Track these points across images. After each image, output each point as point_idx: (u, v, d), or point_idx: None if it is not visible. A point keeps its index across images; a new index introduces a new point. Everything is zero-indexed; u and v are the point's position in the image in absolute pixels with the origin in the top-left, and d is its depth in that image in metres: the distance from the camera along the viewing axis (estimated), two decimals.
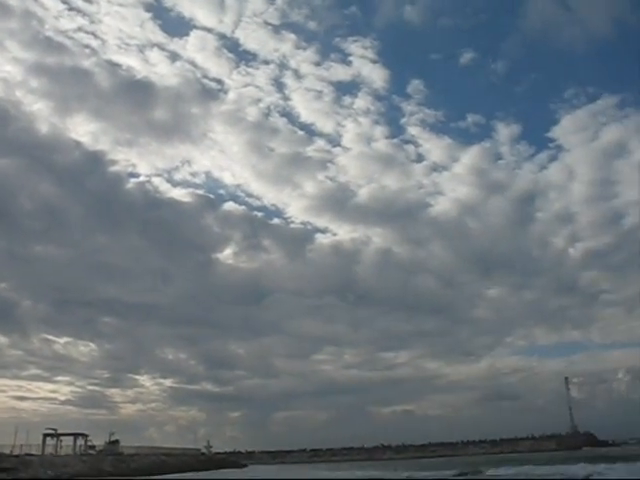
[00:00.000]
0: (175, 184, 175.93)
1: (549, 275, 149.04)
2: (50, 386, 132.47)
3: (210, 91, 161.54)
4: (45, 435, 61.30)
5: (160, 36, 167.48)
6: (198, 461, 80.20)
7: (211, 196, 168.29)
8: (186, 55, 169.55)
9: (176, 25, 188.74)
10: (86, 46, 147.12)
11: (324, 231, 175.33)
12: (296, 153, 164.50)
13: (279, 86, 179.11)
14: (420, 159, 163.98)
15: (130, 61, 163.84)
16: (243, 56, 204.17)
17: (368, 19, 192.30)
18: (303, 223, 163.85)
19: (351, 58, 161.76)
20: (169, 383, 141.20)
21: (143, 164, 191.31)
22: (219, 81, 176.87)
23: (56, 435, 62.40)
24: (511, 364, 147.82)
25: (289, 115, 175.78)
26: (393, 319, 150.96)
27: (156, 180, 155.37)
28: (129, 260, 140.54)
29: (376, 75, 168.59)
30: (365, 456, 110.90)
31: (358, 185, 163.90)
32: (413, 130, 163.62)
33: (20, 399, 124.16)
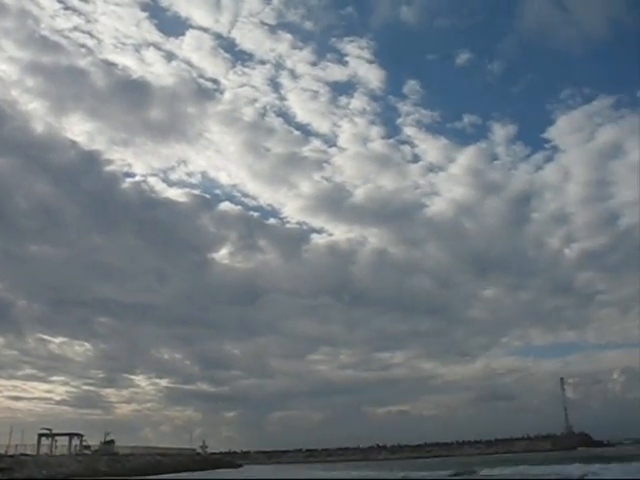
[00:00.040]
0: (171, 184, 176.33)
1: (545, 276, 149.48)
2: (45, 386, 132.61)
3: (206, 91, 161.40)
4: (40, 435, 61.19)
5: (156, 36, 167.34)
6: (193, 461, 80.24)
7: (207, 196, 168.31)
8: (182, 55, 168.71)
9: (172, 25, 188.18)
10: (82, 45, 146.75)
11: (320, 231, 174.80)
12: (292, 153, 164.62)
13: (275, 86, 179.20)
14: (416, 159, 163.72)
15: (126, 61, 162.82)
16: (239, 56, 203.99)
17: (364, 19, 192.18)
18: (299, 223, 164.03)
19: (347, 58, 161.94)
20: (164, 383, 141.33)
21: (139, 164, 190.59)
22: (215, 81, 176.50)
23: (51, 435, 62.32)
24: (506, 364, 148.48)
25: (285, 115, 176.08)
26: (389, 319, 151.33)
27: (152, 180, 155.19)
28: (125, 260, 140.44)
29: (372, 75, 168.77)
30: (360, 456, 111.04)
31: (354, 185, 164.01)
32: (409, 130, 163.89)
33: (15, 399, 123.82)
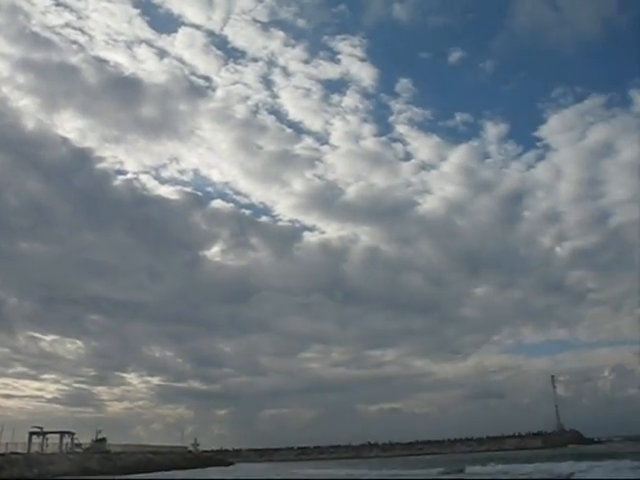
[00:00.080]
0: (163, 181, 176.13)
1: (536, 274, 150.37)
2: (36, 384, 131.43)
3: (198, 88, 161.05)
4: (31, 433, 60.80)
5: (148, 32, 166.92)
6: (185, 459, 80.00)
7: (199, 194, 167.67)
8: (174, 52, 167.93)
9: (164, 22, 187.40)
10: (73, 42, 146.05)
11: (312, 229, 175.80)
12: (284, 151, 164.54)
13: (267, 84, 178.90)
14: (408, 157, 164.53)
15: (118, 57, 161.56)
16: (231, 53, 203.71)
17: (357, 17, 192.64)
18: (291, 221, 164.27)
19: (340, 56, 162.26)
20: (156, 381, 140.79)
21: (131, 161, 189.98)
22: (207, 78, 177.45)
23: (42, 433, 61.93)
24: (498, 362, 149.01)
25: (277, 113, 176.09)
26: (381, 317, 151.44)
27: (144, 177, 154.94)
28: (116, 257, 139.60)
29: (365, 73, 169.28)
30: (352, 454, 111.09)
31: (346, 183, 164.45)
32: (401, 128, 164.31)
33: (6, 397, 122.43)
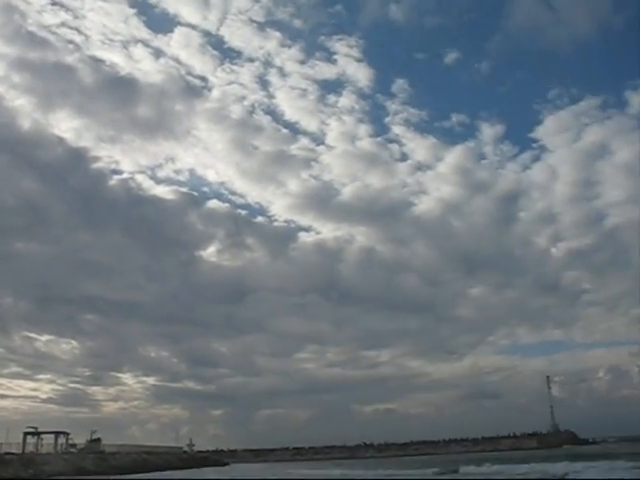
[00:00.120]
0: (158, 181, 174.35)
1: (531, 274, 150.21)
2: (31, 384, 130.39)
3: (194, 88, 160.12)
4: (26, 434, 60.69)
5: (144, 32, 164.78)
6: (180, 459, 79.97)
7: (195, 194, 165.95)
8: (170, 52, 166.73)
9: (160, 21, 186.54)
10: (69, 41, 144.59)
11: (308, 229, 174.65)
12: (280, 151, 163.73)
13: (264, 84, 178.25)
14: (404, 158, 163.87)
15: (114, 57, 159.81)
16: (228, 53, 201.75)
17: (353, 18, 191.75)
18: (287, 221, 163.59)
19: (336, 57, 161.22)
20: (151, 381, 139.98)
21: (126, 161, 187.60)
22: (203, 78, 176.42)
23: (37, 433, 61.85)
24: (493, 363, 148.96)
25: (273, 113, 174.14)
26: (376, 318, 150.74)
27: (139, 177, 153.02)
28: (112, 257, 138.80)
29: (361, 74, 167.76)
30: (347, 454, 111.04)
31: (342, 184, 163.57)
32: (397, 129, 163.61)
33: (0, 397, 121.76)
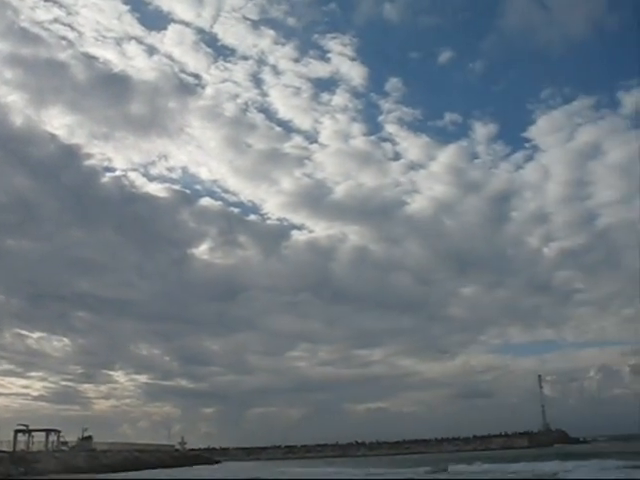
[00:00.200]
0: (151, 179, 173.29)
1: (523, 274, 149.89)
2: (22, 381, 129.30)
3: (187, 86, 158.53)
4: (17, 431, 60.20)
5: (138, 29, 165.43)
6: (172, 457, 79.78)
7: (187, 191, 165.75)
8: (164, 49, 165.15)
9: (154, 18, 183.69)
10: (62, 38, 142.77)
11: (300, 228, 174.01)
12: (273, 149, 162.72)
13: (257, 82, 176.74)
14: (397, 157, 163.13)
15: (107, 54, 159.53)
16: (221, 51, 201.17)
17: (347, 16, 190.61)
18: (279, 219, 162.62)
19: (330, 55, 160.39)
20: (143, 379, 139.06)
21: (119, 158, 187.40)
22: (197, 76, 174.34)
23: (28, 431, 61.41)
24: (485, 362, 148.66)
25: (267, 111, 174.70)
26: (368, 316, 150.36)
27: (132, 175, 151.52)
28: (104, 255, 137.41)
29: (354, 72, 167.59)
30: (339, 453, 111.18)
31: (335, 182, 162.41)
32: (390, 128, 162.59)
33: None
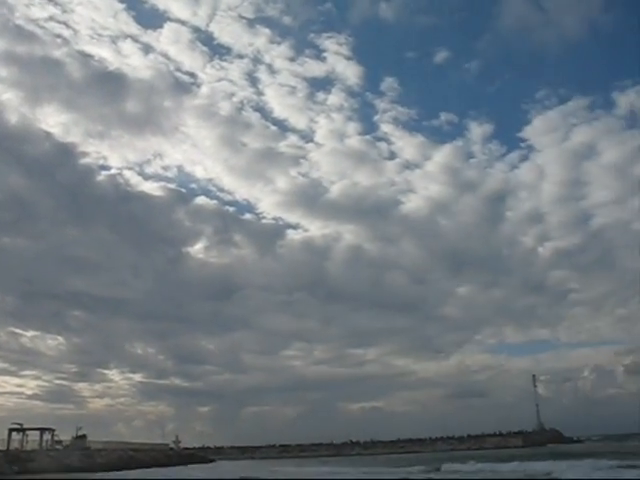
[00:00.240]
0: (146, 177, 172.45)
1: (518, 274, 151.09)
2: (16, 380, 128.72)
3: (183, 84, 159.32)
4: (11, 430, 59.94)
5: (133, 27, 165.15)
6: (166, 456, 79.67)
7: (182, 190, 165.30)
8: (159, 47, 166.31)
9: (150, 17, 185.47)
10: (58, 36, 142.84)
11: (295, 227, 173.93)
12: (269, 148, 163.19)
13: (253, 81, 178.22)
14: (392, 156, 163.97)
15: (102, 52, 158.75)
16: (217, 50, 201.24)
17: (343, 15, 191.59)
18: (275, 219, 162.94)
19: (325, 54, 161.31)
20: (138, 378, 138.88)
21: (114, 157, 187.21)
22: (192, 74, 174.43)
23: (22, 430, 61.16)
24: (480, 361, 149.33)
25: (262, 110, 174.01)
26: (363, 316, 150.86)
27: (127, 173, 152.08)
28: (99, 253, 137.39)
29: (350, 72, 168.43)
30: (334, 452, 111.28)
31: (330, 181, 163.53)
32: (386, 127, 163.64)
33: None
